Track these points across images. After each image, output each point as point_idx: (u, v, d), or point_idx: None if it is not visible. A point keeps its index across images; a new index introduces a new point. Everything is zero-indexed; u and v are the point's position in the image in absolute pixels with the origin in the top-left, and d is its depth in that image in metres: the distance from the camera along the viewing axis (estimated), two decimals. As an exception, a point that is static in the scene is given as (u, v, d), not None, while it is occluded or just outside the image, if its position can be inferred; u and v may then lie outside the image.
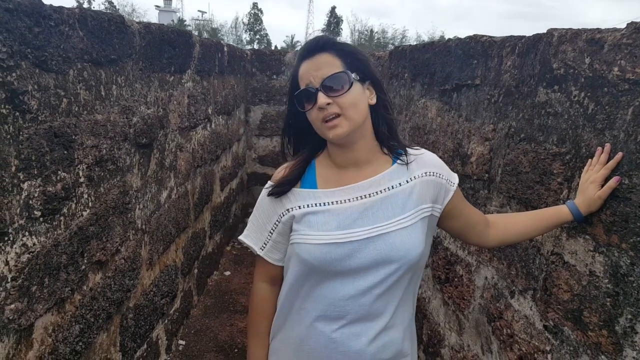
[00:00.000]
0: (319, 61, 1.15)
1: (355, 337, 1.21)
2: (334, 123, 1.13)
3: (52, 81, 1.50)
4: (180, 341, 3.07)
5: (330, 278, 1.19)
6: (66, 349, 1.66)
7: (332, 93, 1.12)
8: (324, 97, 1.11)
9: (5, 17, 1.26)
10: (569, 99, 1.45)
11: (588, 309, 1.33)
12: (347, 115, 1.13)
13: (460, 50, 2.14)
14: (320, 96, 1.12)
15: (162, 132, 2.59)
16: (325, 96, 1.12)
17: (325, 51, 1.15)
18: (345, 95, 1.12)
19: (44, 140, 1.47)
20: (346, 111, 1.13)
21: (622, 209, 1.22)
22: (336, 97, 1.12)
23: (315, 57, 1.15)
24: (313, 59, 1.15)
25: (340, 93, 1.12)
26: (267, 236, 1.28)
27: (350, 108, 1.13)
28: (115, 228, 2.01)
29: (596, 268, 1.31)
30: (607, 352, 1.26)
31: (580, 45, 1.41)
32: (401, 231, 1.18)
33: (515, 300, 1.68)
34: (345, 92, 1.12)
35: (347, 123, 1.14)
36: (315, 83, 1.13)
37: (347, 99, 1.13)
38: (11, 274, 1.34)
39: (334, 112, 1.13)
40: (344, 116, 1.13)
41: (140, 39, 2.17)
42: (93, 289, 1.84)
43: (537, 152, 1.57)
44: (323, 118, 1.14)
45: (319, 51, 1.15)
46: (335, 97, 1.12)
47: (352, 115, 1.14)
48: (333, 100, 1.12)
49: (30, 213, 1.42)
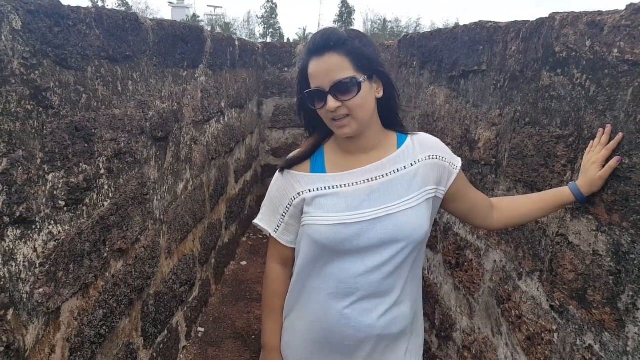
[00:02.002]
0: (329, 63, 1.17)
1: (366, 313, 1.27)
2: (343, 123, 1.20)
3: (72, 78, 1.57)
4: (200, 328, 3.17)
5: (341, 257, 1.25)
6: (91, 332, 1.75)
7: (341, 97, 1.17)
8: (333, 102, 1.16)
9: (28, 19, 1.33)
10: (572, 81, 1.47)
11: (592, 288, 1.36)
12: (355, 116, 1.19)
13: (467, 36, 2.17)
14: (330, 100, 1.17)
15: (177, 125, 2.66)
16: (335, 100, 1.17)
17: (335, 51, 1.17)
18: (353, 100, 1.17)
19: (66, 134, 1.54)
20: (354, 112, 1.19)
21: (622, 189, 1.25)
22: (345, 101, 1.17)
23: (325, 57, 1.17)
24: (323, 58, 1.18)
25: (349, 98, 1.17)
26: (279, 219, 1.34)
27: (357, 109, 1.19)
28: (134, 218, 2.09)
29: (599, 247, 1.34)
30: (610, 329, 1.29)
31: (581, 28, 1.43)
32: (407, 212, 1.24)
33: (523, 282, 1.72)
34: (353, 97, 1.17)
35: (355, 122, 1.20)
36: (325, 86, 1.17)
37: (355, 102, 1.18)
38: (39, 260, 1.43)
39: (343, 113, 1.18)
40: (352, 117, 1.19)
41: (153, 35, 2.24)
42: (115, 275, 1.93)
43: (542, 136, 1.60)
44: (332, 117, 1.19)
45: (329, 50, 1.17)
46: (345, 100, 1.17)
47: (359, 116, 1.20)
48: (342, 104, 1.17)
49: (55, 203, 1.50)
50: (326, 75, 1.17)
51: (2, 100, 1.26)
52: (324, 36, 1.20)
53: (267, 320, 1.45)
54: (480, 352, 2.03)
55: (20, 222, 1.35)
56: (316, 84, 1.19)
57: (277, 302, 1.42)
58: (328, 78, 1.17)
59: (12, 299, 1.31)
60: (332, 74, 1.16)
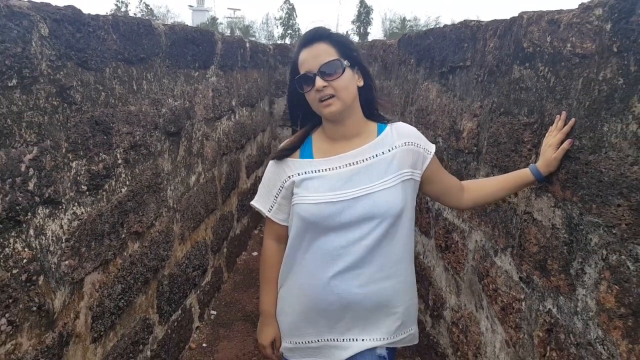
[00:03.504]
0: (317, 50, 1.38)
1: (348, 282, 1.44)
2: (329, 102, 1.37)
3: (92, 78, 1.79)
4: (212, 311, 3.39)
5: (326, 232, 1.43)
6: (111, 304, 1.97)
7: (327, 77, 1.36)
8: (320, 81, 1.35)
9: (54, 26, 1.55)
10: (536, 74, 1.63)
11: (551, 258, 1.52)
12: (340, 96, 1.37)
13: (454, 34, 2.33)
14: (318, 80, 1.35)
15: (189, 122, 2.88)
16: (322, 80, 1.35)
17: (322, 41, 1.39)
18: (338, 80, 1.36)
19: (87, 127, 1.76)
20: (339, 93, 1.37)
21: (573, 167, 1.41)
22: (331, 81, 1.36)
23: (313, 46, 1.39)
24: (312, 47, 1.39)
25: (335, 77, 1.36)
26: (273, 200, 1.53)
27: (342, 90, 1.37)
28: (149, 204, 2.31)
29: (556, 221, 1.50)
30: (564, 293, 1.45)
31: (543, 25, 1.59)
32: (384, 191, 1.41)
33: (498, 258, 1.88)
34: (338, 77, 1.36)
35: (340, 102, 1.38)
36: (314, 69, 1.36)
37: (340, 82, 1.36)
38: (65, 236, 1.64)
39: (329, 93, 1.36)
40: (337, 97, 1.37)
41: (166, 39, 2.45)
42: (132, 255, 2.14)
43: (512, 124, 1.76)
44: (320, 98, 1.37)
45: (317, 40, 1.39)
46: (330, 80, 1.36)
47: (343, 96, 1.38)
48: (328, 84, 1.36)
49: (79, 187, 1.72)
50: (314, 59, 1.36)
51: (33, 97, 1.47)
52: (312, 30, 1.43)
53: (264, 290, 1.64)
54: (466, 327, 2.19)
55: (49, 203, 1.56)
56: (305, 68, 1.38)
57: (273, 274, 1.61)
58: (316, 61, 1.36)
59: (42, 267, 1.53)
60: (319, 58, 1.36)
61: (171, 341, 2.69)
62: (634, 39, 1.17)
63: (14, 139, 1.39)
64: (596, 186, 1.30)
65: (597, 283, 1.31)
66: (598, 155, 1.30)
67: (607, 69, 1.28)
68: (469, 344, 2.16)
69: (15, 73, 1.39)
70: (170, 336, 2.67)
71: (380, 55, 3.89)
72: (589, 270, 1.34)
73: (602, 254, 1.29)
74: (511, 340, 1.78)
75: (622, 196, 1.21)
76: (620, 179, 1.21)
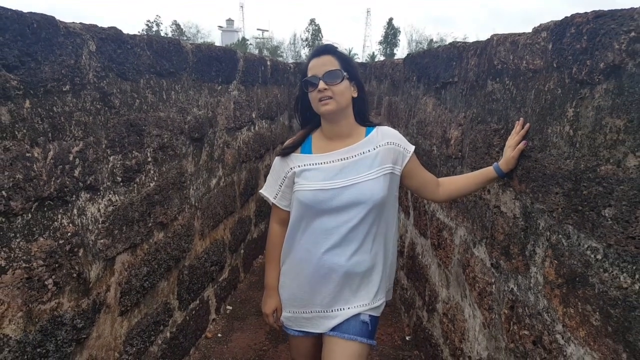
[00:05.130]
0: (324, 60, 1.71)
1: (337, 256, 1.73)
2: (327, 102, 1.68)
3: (128, 87, 2.13)
4: (228, 306, 3.67)
5: (320, 215, 1.72)
6: (137, 283, 2.27)
7: (329, 82, 1.67)
8: (323, 84, 1.67)
9: (99, 43, 1.90)
10: (504, 87, 1.89)
11: (512, 244, 1.76)
12: (336, 99, 1.68)
13: (445, 54, 2.61)
14: (321, 83, 1.67)
15: (211, 130, 3.21)
16: (324, 83, 1.67)
17: (330, 54, 1.73)
18: (337, 85, 1.67)
19: (123, 128, 2.09)
20: (336, 96, 1.68)
21: (526, 164, 1.66)
22: (331, 85, 1.66)
23: (322, 57, 1.72)
24: (320, 58, 1.72)
25: (334, 83, 1.67)
26: (277, 188, 1.83)
27: (338, 94, 1.68)
28: (174, 200, 2.63)
29: (516, 212, 1.74)
30: (521, 273, 1.69)
31: (507, 46, 1.85)
32: (368, 182, 1.70)
33: (476, 249, 2.12)
34: (337, 83, 1.67)
35: (335, 103, 1.69)
36: (319, 74, 1.68)
37: (338, 88, 1.68)
38: (102, 218, 1.96)
39: (328, 94, 1.67)
40: (334, 99, 1.68)
41: (192, 56, 2.80)
42: (157, 243, 2.46)
43: (486, 131, 2.02)
44: (320, 98, 1.68)
45: (326, 53, 1.73)
46: (331, 85, 1.67)
47: (339, 99, 1.69)
48: (329, 87, 1.66)
49: (114, 178, 2.05)
50: (321, 66, 1.69)
51: (81, 100, 1.81)
52: (323, 45, 1.80)
53: (269, 267, 1.93)
54: (454, 316, 2.42)
55: (90, 189, 1.89)
56: (312, 73, 1.70)
57: (276, 253, 1.90)
58: (322, 69, 1.68)
59: (82, 242, 1.85)
60: (325, 66, 1.69)
61: (189, 327, 2.98)
62: (566, 56, 1.43)
63: (65, 134, 1.72)
64: (542, 179, 1.55)
65: (543, 260, 1.55)
66: (544, 153, 1.55)
67: (550, 82, 1.54)
68: (456, 331, 2.39)
69: (68, 80, 1.72)
70: (188, 323, 2.96)
71: (389, 73, 4.18)
72: (538, 250, 1.58)
73: (546, 236, 1.53)
74: (486, 321, 2.00)
75: (558, 185, 1.45)
76: (557, 172, 1.46)
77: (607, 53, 1.23)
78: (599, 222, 1.25)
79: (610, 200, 1.21)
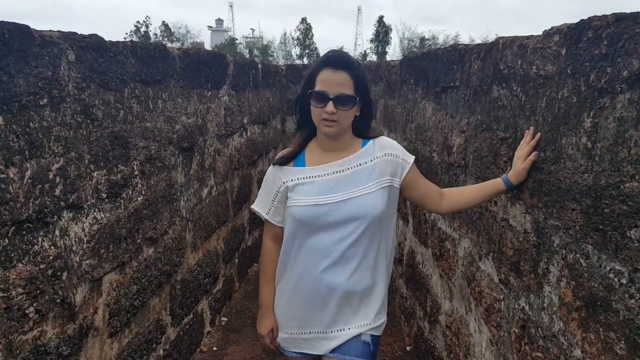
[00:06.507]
0: (340, 77, 1.55)
1: (336, 275, 1.63)
2: (331, 124, 1.57)
3: (112, 97, 2.01)
4: (223, 318, 3.56)
5: (316, 231, 1.62)
6: (126, 303, 2.15)
7: (339, 106, 1.55)
8: (332, 107, 1.54)
9: (79, 52, 1.77)
10: (511, 93, 1.79)
11: (523, 260, 1.66)
12: (341, 123, 1.58)
13: (445, 57, 2.51)
14: (330, 105, 1.54)
15: (201, 138, 3.09)
16: (334, 106, 1.54)
17: (347, 71, 1.57)
18: (346, 112, 1.56)
19: (107, 141, 1.97)
20: (341, 120, 1.58)
21: (538, 177, 1.56)
22: (340, 111, 1.55)
23: (338, 72, 1.56)
24: (336, 72, 1.56)
25: (345, 110, 1.56)
26: (270, 203, 1.72)
27: (344, 120, 1.58)
28: (163, 213, 2.51)
29: (527, 226, 1.64)
30: (533, 291, 1.59)
31: (515, 50, 1.75)
32: (365, 196, 1.60)
33: (482, 262, 2.02)
34: (347, 110, 1.56)
35: (339, 127, 1.59)
36: (330, 93, 1.54)
37: (346, 114, 1.57)
38: (86, 238, 1.84)
39: (334, 119, 1.55)
40: (338, 123, 1.57)
41: (180, 62, 2.68)
42: (147, 259, 2.34)
43: (492, 139, 1.92)
44: (324, 118, 1.56)
45: (343, 68, 1.57)
46: (341, 110, 1.55)
47: (343, 124, 1.60)
48: (337, 112, 1.55)
49: (99, 194, 1.92)
50: (335, 85, 1.54)
51: (61, 114, 1.69)
52: (343, 56, 1.63)
53: (263, 285, 1.82)
54: (458, 329, 2.32)
55: (73, 207, 1.77)
56: (323, 88, 1.55)
57: (271, 270, 1.79)
58: (335, 88, 1.54)
59: (66, 264, 1.73)
60: (339, 87, 1.55)
61: (183, 343, 2.86)
62: (582, 62, 1.33)
63: (44, 150, 1.60)
64: (556, 193, 1.45)
65: (558, 280, 1.45)
66: (558, 165, 1.46)
67: (564, 89, 1.44)
68: (460, 345, 2.29)
69: (46, 93, 1.60)
70: (182, 338, 2.84)
71: (385, 75, 4.08)
72: (552, 269, 1.49)
73: (562, 254, 1.43)
74: (494, 338, 1.91)
75: (575, 201, 1.35)
76: (574, 186, 1.36)
77: (631, 60, 1.13)
78: (623, 243, 1.15)
79: (637, 221, 1.11)
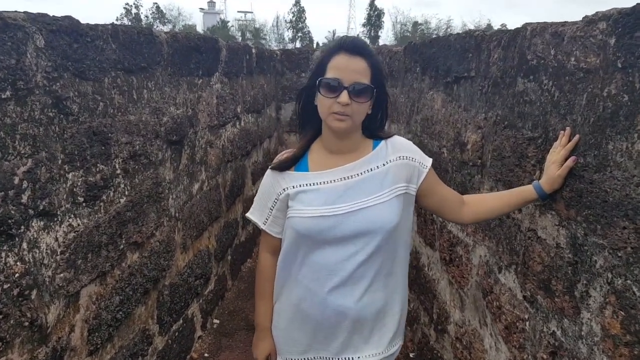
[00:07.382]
0: (357, 65, 1.31)
1: (343, 297, 1.42)
2: (342, 118, 1.33)
3: (90, 88, 1.78)
4: (215, 320, 3.36)
5: (320, 246, 1.40)
6: (108, 316, 1.94)
7: (354, 97, 1.31)
8: (346, 97, 1.29)
9: (50, 37, 1.54)
10: (540, 87, 1.58)
11: (555, 278, 1.47)
12: (353, 118, 1.35)
13: (459, 44, 2.29)
14: (344, 95, 1.29)
15: (191, 130, 2.86)
16: (349, 97, 1.30)
17: (365, 58, 1.33)
18: (361, 104, 1.33)
19: (85, 138, 1.74)
20: (354, 115, 1.34)
21: (577, 186, 1.36)
22: (355, 103, 1.31)
23: (355, 58, 1.32)
24: (352, 58, 1.32)
25: (360, 102, 1.32)
26: (268, 212, 1.50)
27: (357, 114, 1.35)
28: (150, 214, 2.29)
29: (561, 240, 1.45)
30: (568, 316, 1.40)
31: (547, 38, 1.54)
32: (378, 206, 1.38)
33: (502, 275, 1.83)
34: (363, 103, 1.33)
35: (351, 122, 1.35)
36: (345, 82, 1.30)
37: (361, 107, 1.34)
38: (60, 249, 1.63)
39: (347, 113, 1.32)
40: (351, 117, 1.34)
41: (168, 47, 2.44)
42: (131, 266, 2.12)
43: (517, 138, 1.72)
44: (335, 111, 1.32)
45: (360, 54, 1.32)
46: (355, 102, 1.31)
47: (356, 120, 1.36)
48: (351, 103, 1.30)
49: (75, 199, 1.70)
50: (351, 72, 1.30)
51: (28, 109, 1.46)
52: (360, 41, 1.39)
53: (259, 304, 1.61)
54: (470, 343, 2.14)
55: (44, 215, 1.55)
56: (337, 75, 1.31)
57: (268, 287, 1.58)
58: (352, 76, 1.30)
59: (35, 281, 1.51)
60: (356, 75, 1.31)
61: (172, 352, 2.67)
62: (637, 54, 1.13)
63: (7, 152, 1.38)
64: (601, 206, 1.26)
65: (602, 307, 1.26)
66: (603, 174, 1.26)
67: (611, 85, 1.23)
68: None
69: (9, 85, 1.37)
70: (171, 347, 2.65)
71: (386, 62, 3.85)
72: (594, 293, 1.30)
73: (607, 277, 1.24)
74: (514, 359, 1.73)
75: (627, 218, 1.16)
76: (626, 200, 1.17)
77: None
78: (694, 274, 0.96)
79: None
